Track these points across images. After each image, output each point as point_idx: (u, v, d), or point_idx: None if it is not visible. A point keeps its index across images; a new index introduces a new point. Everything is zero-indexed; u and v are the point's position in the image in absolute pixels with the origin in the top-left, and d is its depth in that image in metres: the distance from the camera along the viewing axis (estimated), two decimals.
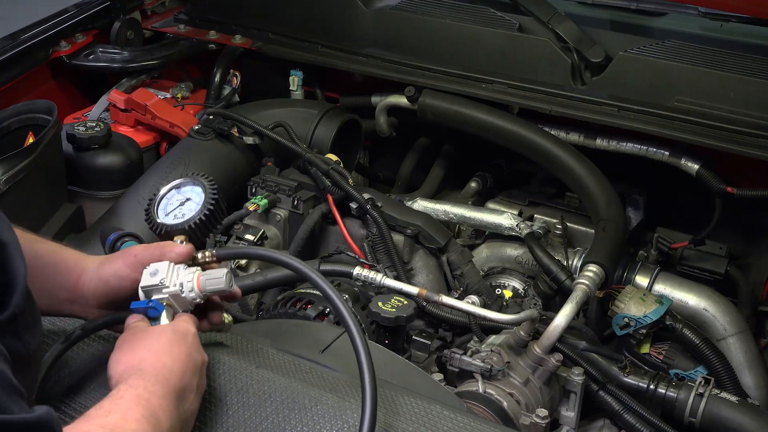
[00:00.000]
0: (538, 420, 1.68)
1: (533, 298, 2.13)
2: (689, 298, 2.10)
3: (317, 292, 1.85)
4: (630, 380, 1.84)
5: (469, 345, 1.85)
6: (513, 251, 2.28)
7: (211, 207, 1.41)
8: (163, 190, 1.48)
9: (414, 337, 1.91)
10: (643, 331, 1.95)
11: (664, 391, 1.81)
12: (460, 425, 1.29)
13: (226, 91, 2.66)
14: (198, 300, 1.29)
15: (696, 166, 2.23)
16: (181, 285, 1.27)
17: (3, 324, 1.00)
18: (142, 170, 2.35)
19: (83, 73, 2.64)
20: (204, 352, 1.25)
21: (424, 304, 1.93)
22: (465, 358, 1.75)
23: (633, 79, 2.27)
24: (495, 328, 1.90)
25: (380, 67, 2.49)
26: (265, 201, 2.18)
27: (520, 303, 2.11)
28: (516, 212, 2.35)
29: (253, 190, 2.25)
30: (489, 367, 1.71)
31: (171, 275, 1.27)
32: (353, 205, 2.15)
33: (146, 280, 1.27)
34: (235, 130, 2.35)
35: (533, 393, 1.74)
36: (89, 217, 2.26)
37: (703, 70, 2.22)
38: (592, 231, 2.13)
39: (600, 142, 2.34)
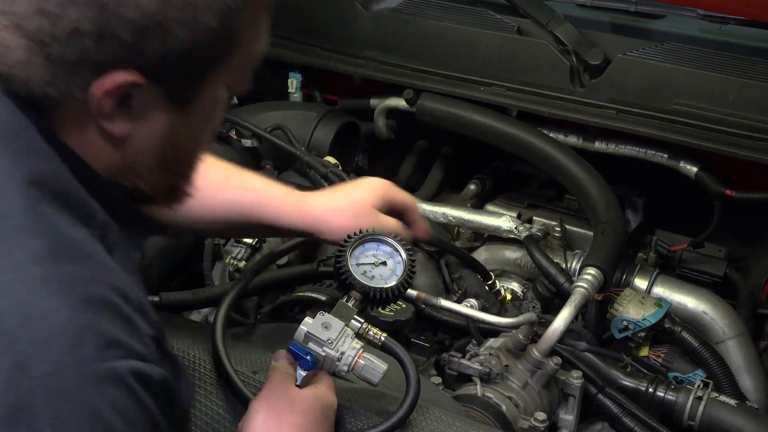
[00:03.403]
0: (536, 423, 1.67)
1: (532, 301, 2.13)
2: (688, 300, 2.10)
3: (316, 296, 1.85)
4: (629, 383, 1.84)
5: (467, 348, 1.85)
6: (512, 254, 2.28)
7: (402, 289, 1.34)
8: (365, 235, 1.38)
9: (412, 340, 1.91)
10: (642, 334, 1.94)
11: (662, 395, 1.81)
12: (458, 429, 1.29)
13: None
14: (343, 374, 1.28)
15: (695, 169, 2.23)
16: (341, 355, 1.25)
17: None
18: None
19: None
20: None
21: (423, 307, 1.93)
22: (463, 361, 1.75)
23: (632, 81, 2.27)
24: (493, 331, 1.90)
25: (379, 69, 2.49)
26: None
27: (518, 306, 2.11)
28: (515, 215, 2.35)
29: None
30: (487, 370, 1.71)
31: (339, 339, 1.26)
32: None
33: (315, 328, 1.26)
34: (234, 132, 2.35)
35: (532, 396, 1.73)
36: None
37: (702, 72, 2.22)
38: (591, 233, 2.13)
39: (599, 145, 2.34)
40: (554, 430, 1.81)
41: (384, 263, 1.37)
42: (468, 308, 1.87)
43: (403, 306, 1.80)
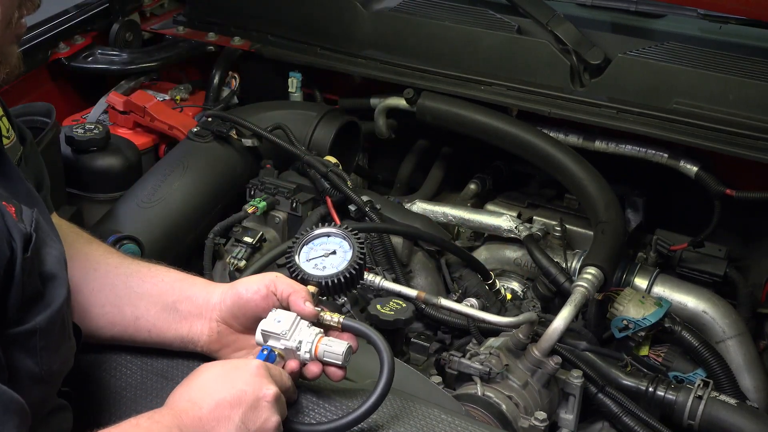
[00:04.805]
0: (536, 423, 1.68)
1: (532, 301, 2.14)
2: (688, 300, 2.10)
3: None
4: (629, 382, 1.85)
5: (467, 348, 1.85)
6: (512, 253, 2.28)
7: (353, 272, 1.34)
8: (314, 232, 1.39)
9: (413, 340, 1.92)
10: (642, 333, 1.94)
11: (663, 394, 1.82)
12: (458, 429, 1.29)
13: (225, 93, 2.66)
14: (308, 362, 1.27)
15: (695, 168, 2.23)
16: (300, 343, 1.26)
17: (21, 335, 1.07)
18: (141, 172, 2.35)
19: (82, 75, 2.64)
20: (269, 387, 1.19)
21: (423, 306, 1.93)
22: (464, 360, 1.75)
23: (632, 81, 2.27)
24: (494, 330, 1.90)
25: (379, 69, 2.49)
26: (263, 203, 2.18)
27: (518, 305, 2.11)
28: (515, 214, 2.35)
29: (252, 193, 2.25)
30: (488, 369, 1.71)
31: (293, 329, 1.26)
32: (352, 208, 2.15)
33: (268, 324, 1.26)
34: (234, 132, 2.35)
35: (532, 396, 1.73)
36: (88, 219, 2.25)
37: (702, 72, 2.22)
38: (591, 233, 2.13)
39: (599, 144, 2.34)
40: (554, 429, 1.81)
41: (334, 252, 1.37)
42: (468, 307, 1.87)
43: (403, 305, 1.80)
